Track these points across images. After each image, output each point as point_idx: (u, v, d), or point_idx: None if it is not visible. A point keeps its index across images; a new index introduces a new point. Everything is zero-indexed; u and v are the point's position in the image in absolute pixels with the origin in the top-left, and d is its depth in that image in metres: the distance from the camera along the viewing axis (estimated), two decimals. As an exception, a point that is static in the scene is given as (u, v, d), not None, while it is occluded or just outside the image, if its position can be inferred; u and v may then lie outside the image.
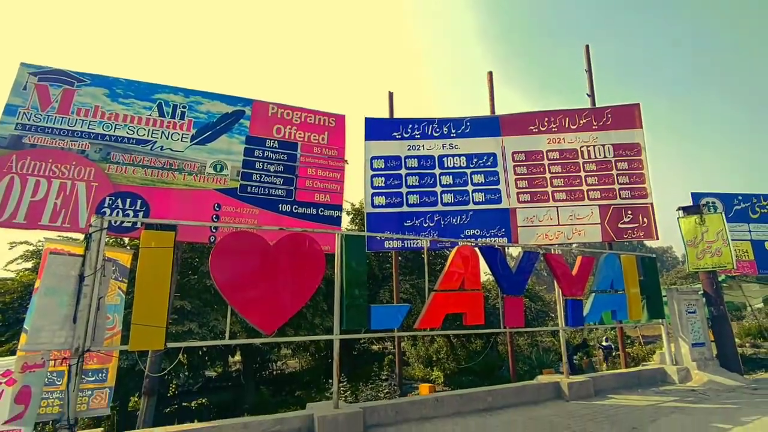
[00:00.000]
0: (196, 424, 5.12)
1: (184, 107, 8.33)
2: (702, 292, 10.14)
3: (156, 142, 7.96)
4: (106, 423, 9.42)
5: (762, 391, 7.75)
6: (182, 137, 8.14)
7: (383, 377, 10.57)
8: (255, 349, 13.10)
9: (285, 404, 11.17)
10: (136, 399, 10.89)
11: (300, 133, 9.00)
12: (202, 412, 12.23)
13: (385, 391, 9.39)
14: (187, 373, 12.57)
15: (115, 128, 7.75)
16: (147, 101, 8.11)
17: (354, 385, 10.14)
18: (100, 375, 5.07)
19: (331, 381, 5.79)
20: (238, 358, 16.76)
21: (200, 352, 11.67)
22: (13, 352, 5.46)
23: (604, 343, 15.58)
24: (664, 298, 9.56)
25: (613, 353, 14.37)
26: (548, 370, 10.48)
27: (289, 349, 15.66)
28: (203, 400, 13.58)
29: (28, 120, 7.36)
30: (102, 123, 7.71)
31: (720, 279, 11.18)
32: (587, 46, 11.17)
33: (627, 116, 10.35)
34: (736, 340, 14.49)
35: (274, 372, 17.89)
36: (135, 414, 9.18)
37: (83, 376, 4.65)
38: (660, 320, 9.22)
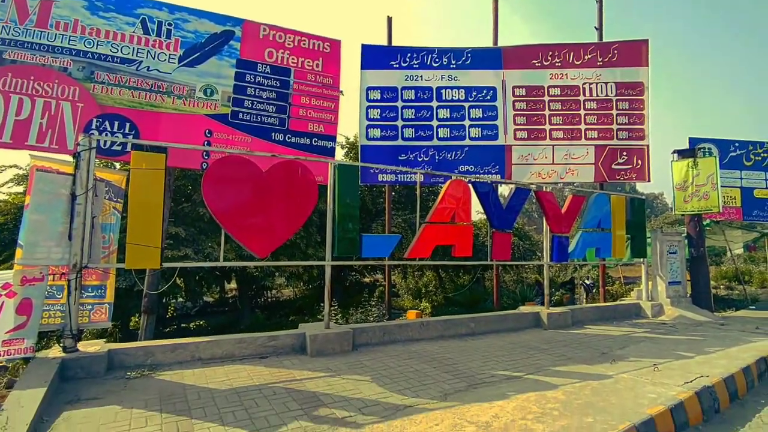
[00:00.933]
0: (196, 338, 5.42)
1: (169, 25, 7.86)
2: (685, 234, 10.45)
3: (142, 62, 7.60)
4: (110, 339, 9.93)
5: (728, 327, 8.26)
6: (169, 58, 7.77)
7: (372, 303, 11.08)
8: (250, 277, 13.52)
9: (279, 327, 11.68)
10: (136, 319, 11.39)
11: (293, 58, 8.62)
12: (200, 333, 12.85)
13: (375, 315, 9.89)
14: (184, 297, 13.05)
15: (98, 45, 7.35)
16: (129, 16, 7.61)
17: (345, 311, 10.63)
18: (99, 291, 5.26)
19: (323, 305, 6.06)
20: (234, 285, 17.34)
21: (197, 278, 12.04)
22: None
23: (587, 282, 16.27)
24: (648, 239, 9.86)
25: (593, 291, 15.05)
26: (530, 302, 11.02)
27: (283, 278, 16.19)
28: (201, 322, 14.23)
29: (8, 34, 6.93)
30: (83, 39, 7.29)
31: (705, 223, 11.48)
32: (601, -27, 10.47)
33: (634, 53, 9.97)
34: (712, 282, 15.21)
35: (269, 299, 18.62)
36: (136, 332, 9.65)
37: (83, 291, 4.83)
38: (641, 259, 9.56)
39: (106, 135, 7.10)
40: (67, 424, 3.31)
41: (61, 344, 4.54)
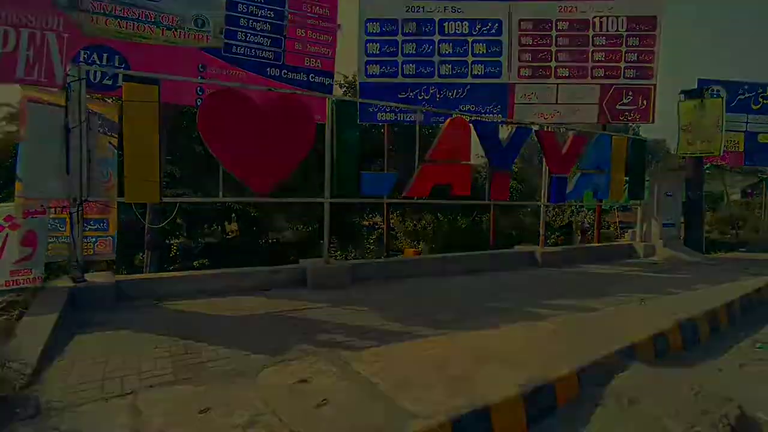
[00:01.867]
0: (200, 271, 5.60)
1: (153, -55, 7.30)
2: (684, 177, 10.44)
3: (126, -13, 7.16)
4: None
5: (717, 267, 8.48)
6: (155, -17, 7.31)
7: (371, 241, 11.31)
8: (252, 219, 13.70)
9: (280, 263, 12.05)
10: (141, 257, 11.66)
11: (287, -14, 8.11)
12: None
13: (374, 252, 10.12)
14: (186, 236, 13.30)
15: (77, -32, 6.88)
16: (109, -64, 7.05)
17: (344, 250, 10.88)
18: (101, 224, 5.35)
19: (322, 243, 6.18)
20: (235, 226, 17.60)
21: (197, 218, 12.20)
22: (12, 204, 5.63)
23: (586, 225, 16.54)
24: (647, 182, 9.86)
25: (588, 233, 15.33)
26: (526, 243, 11.22)
27: (282, 218, 16.43)
28: (204, 261, 14.60)
29: (-13, -40, 6.47)
30: (61, -39, 6.81)
31: (705, 167, 11.44)
32: None
33: (650, -18, 9.37)
34: (707, 227, 15.40)
35: (270, 240, 18.96)
36: (140, 270, 9.91)
37: (85, 225, 4.90)
38: (638, 202, 9.62)
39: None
40: (81, 346, 3.49)
41: (69, 275, 4.69)
